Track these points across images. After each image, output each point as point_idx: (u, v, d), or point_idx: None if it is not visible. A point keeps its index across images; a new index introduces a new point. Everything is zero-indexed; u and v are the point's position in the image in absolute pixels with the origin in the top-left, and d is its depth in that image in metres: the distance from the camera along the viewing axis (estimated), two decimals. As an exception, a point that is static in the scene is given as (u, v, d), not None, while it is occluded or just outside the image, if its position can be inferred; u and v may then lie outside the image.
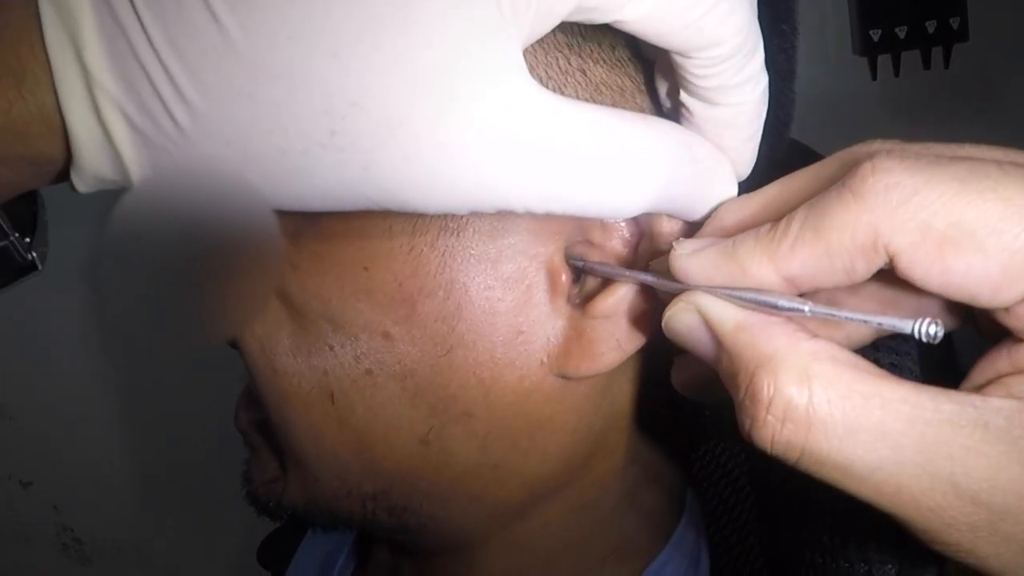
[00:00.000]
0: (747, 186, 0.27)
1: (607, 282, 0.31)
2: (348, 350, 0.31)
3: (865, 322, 0.22)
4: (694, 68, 0.25)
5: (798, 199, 0.24)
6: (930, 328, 0.21)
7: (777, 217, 0.23)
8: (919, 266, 0.21)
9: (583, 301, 0.31)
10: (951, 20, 1.09)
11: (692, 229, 0.28)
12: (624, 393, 0.34)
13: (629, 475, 0.37)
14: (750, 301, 0.23)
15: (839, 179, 0.22)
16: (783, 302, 0.23)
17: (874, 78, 1.11)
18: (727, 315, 0.23)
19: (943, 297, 0.22)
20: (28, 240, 0.24)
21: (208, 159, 0.22)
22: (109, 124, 0.21)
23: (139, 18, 0.21)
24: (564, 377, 0.32)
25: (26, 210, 0.26)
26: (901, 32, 1.08)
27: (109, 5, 0.21)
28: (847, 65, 1.11)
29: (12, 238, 0.23)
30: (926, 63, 1.10)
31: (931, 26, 1.09)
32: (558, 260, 0.30)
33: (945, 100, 1.12)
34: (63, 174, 0.23)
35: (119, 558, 1.22)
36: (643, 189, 0.24)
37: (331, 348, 0.31)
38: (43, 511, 1.19)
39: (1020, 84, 1.11)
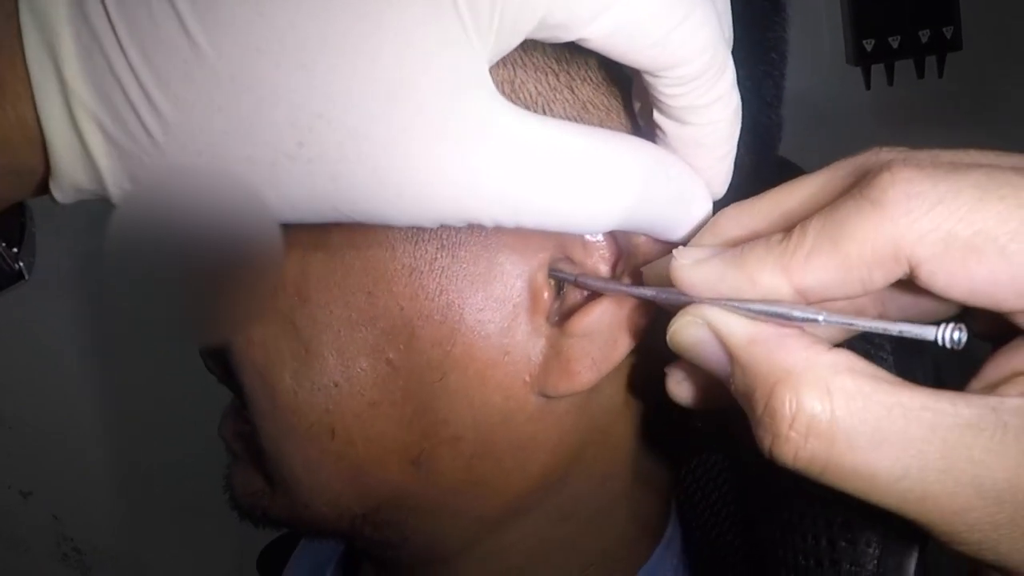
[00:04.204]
0: (727, 204, 0.27)
1: (585, 301, 0.31)
2: (354, 384, 0.32)
3: (885, 331, 0.22)
4: (663, 87, 0.25)
5: (805, 208, 0.24)
6: (954, 334, 0.21)
7: (784, 226, 0.23)
8: (942, 275, 0.21)
9: (561, 319, 0.31)
10: (944, 29, 1.09)
11: (669, 248, 0.28)
12: (602, 409, 0.35)
13: (610, 486, 0.38)
14: (761, 312, 0.22)
15: (850, 188, 0.22)
16: (798, 312, 0.22)
17: (868, 87, 1.11)
18: (739, 328, 0.23)
19: (965, 304, 0.22)
20: (15, 250, 0.24)
21: (181, 169, 0.22)
22: (85, 135, 0.22)
23: (115, 31, 0.21)
24: (544, 396, 0.32)
25: (14, 222, 0.27)
26: (895, 41, 1.09)
27: (86, 19, 0.21)
28: (841, 74, 1.12)
29: (-1, 248, 0.23)
30: (920, 72, 1.11)
31: (925, 35, 1.09)
32: (541, 278, 0.31)
33: (939, 109, 1.12)
34: (44, 186, 0.24)
35: (118, 568, 1.22)
36: (613, 203, 0.24)
37: (336, 384, 0.32)
38: (43, 520, 1.19)
39: (1014, 94, 1.12)
